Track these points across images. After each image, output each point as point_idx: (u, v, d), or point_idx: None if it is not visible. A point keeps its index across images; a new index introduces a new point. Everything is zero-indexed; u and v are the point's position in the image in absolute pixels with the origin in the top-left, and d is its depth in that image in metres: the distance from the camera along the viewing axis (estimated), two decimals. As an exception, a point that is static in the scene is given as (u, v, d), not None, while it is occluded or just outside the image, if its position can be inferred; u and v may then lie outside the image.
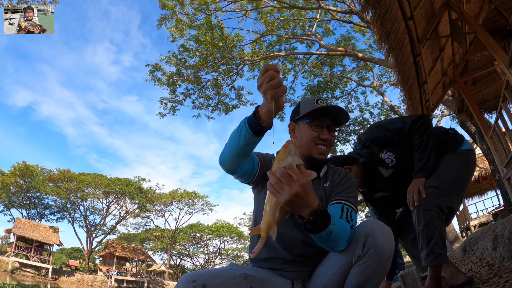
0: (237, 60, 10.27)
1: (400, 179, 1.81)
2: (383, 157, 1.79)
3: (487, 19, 4.27)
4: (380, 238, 0.95)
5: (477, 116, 5.02)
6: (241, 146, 0.99)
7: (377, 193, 2.04)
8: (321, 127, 1.18)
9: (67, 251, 46.55)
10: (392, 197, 1.98)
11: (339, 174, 1.24)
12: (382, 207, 2.15)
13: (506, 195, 5.43)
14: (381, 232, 0.96)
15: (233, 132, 1.02)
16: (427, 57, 4.00)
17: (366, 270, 0.95)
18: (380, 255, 0.94)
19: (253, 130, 0.94)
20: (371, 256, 0.94)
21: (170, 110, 10.89)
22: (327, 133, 1.18)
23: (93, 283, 26.74)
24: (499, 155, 4.47)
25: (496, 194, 13.05)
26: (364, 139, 1.91)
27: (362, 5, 2.95)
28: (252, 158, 1.16)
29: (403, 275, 2.21)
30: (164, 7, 9.24)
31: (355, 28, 10.62)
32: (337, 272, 1.01)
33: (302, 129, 1.21)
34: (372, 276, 0.96)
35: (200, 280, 0.93)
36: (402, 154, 1.76)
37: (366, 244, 0.95)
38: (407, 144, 1.74)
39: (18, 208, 29.88)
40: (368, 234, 0.96)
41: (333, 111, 1.19)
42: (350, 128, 14.28)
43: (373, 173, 1.87)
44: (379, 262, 0.95)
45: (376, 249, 0.94)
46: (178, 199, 33.97)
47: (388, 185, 1.89)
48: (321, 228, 0.89)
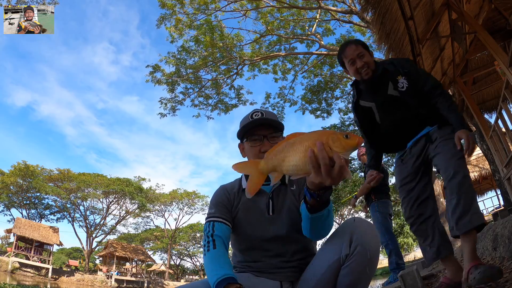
0: (237, 60, 10.27)
1: (396, 107, 1.83)
2: (399, 79, 1.81)
3: (487, 19, 4.27)
4: (366, 234, 0.98)
5: (477, 116, 5.01)
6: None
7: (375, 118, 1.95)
8: (259, 140, 1.19)
9: (67, 251, 46.55)
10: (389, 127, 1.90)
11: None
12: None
13: (506, 195, 5.43)
14: (365, 228, 0.99)
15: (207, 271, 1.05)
16: (427, 57, 4.00)
17: (356, 269, 0.97)
18: (368, 251, 0.96)
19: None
20: (359, 254, 0.96)
21: (170, 110, 10.90)
22: (267, 144, 1.18)
23: (93, 283, 26.74)
24: (499, 155, 4.47)
25: (496, 194, 13.08)
26: (398, 59, 1.95)
27: (362, 5, 2.96)
28: (227, 232, 1.18)
29: (403, 275, 2.21)
30: (164, 7, 9.24)
31: (355, 28, 10.62)
32: (326, 273, 1.02)
33: (246, 148, 1.23)
34: (363, 273, 0.98)
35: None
36: (411, 91, 1.78)
37: (352, 242, 0.97)
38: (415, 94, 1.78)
39: (18, 208, 29.88)
40: (353, 231, 0.99)
41: (261, 122, 1.19)
42: (350, 128, 14.29)
43: (380, 84, 1.85)
44: (367, 259, 0.97)
45: (363, 247, 0.96)
46: (178, 199, 33.98)
47: (384, 106, 1.88)
48: (325, 204, 0.91)
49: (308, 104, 12.90)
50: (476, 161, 11.52)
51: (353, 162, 15.28)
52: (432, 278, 2.77)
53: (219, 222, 1.17)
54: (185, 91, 10.88)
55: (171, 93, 10.71)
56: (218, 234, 1.13)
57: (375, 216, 3.73)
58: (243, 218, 1.20)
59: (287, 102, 12.67)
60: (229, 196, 1.25)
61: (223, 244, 1.12)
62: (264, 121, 1.20)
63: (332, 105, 13.30)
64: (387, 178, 4.07)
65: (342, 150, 0.72)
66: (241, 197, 1.24)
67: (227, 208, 1.22)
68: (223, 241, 1.13)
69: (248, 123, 1.21)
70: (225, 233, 1.16)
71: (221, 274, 0.98)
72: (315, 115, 13.28)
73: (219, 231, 1.14)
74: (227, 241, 1.16)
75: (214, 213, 1.19)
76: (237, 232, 1.23)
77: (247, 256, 1.22)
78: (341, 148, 0.72)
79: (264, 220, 1.18)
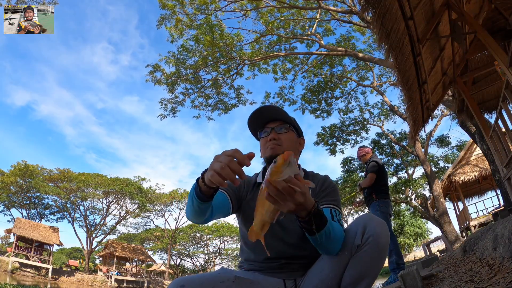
0: (237, 60, 10.27)
1: None
2: None
3: (487, 19, 4.27)
4: (378, 227, 1.00)
5: (477, 116, 5.01)
6: (197, 210, 1.01)
7: None
8: (267, 132, 1.27)
9: (67, 251, 46.55)
10: None
11: (318, 180, 1.28)
12: None
13: (506, 195, 5.43)
14: (377, 222, 1.01)
15: (189, 194, 1.04)
16: (427, 57, 4.00)
17: (365, 259, 0.98)
18: (379, 243, 0.98)
19: (201, 199, 0.96)
20: (370, 244, 0.98)
21: (170, 112, 10.90)
22: (273, 134, 1.25)
23: (93, 283, 26.74)
24: (499, 155, 4.47)
25: (496, 194, 13.06)
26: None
27: (362, 5, 2.95)
28: (220, 199, 1.16)
29: (403, 275, 2.21)
30: (164, 7, 9.24)
31: (355, 28, 10.62)
32: (335, 266, 1.03)
33: (260, 142, 1.32)
34: (371, 265, 0.99)
35: (189, 285, 0.94)
36: None
37: (365, 233, 0.99)
38: None
39: (18, 208, 29.85)
40: (366, 224, 1.01)
41: (266, 116, 1.27)
42: (350, 128, 14.29)
43: None
44: (377, 250, 0.98)
45: (375, 237, 0.98)
46: (178, 199, 33.96)
47: None
48: (320, 227, 0.90)
49: (308, 104, 12.91)
50: (476, 161, 11.52)
51: (353, 162, 15.29)
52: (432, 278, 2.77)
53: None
54: (185, 91, 10.88)
55: (171, 93, 10.72)
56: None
57: (376, 215, 3.74)
58: (252, 214, 1.20)
59: (287, 101, 12.68)
60: (244, 185, 1.29)
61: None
62: (269, 115, 1.27)
63: (332, 105, 13.32)
64: (386, 178, 4.08)
65: (279, 175, 0.77)
66: (255, 192, 1.25)
67: (236, 190, 1.24)
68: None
69: (248, 119, 1.29)
70: (220, 199, 1.15)
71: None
72: (315, 115, 13.29)
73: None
74: (218, 206, 1.14)
75: None
76: (246, 227, 1.21)
77: (253, 254, 1.22)
78: (276, 174, 0.77)
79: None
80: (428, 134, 13.21)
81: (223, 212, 1.18)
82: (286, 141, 1.25)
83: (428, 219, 12.38)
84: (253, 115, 1.27)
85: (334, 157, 15.74)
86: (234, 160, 0.81)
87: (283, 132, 1.25)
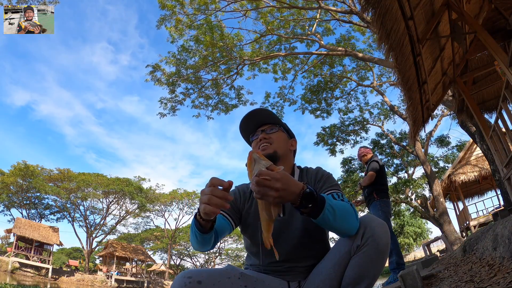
0: (237, 60, 10.27)
1: None
2: None
3: (487, 19, 4.27)
4: (378, 228, 1.00)
5: (477, 116, 5.01)
6: (201, 241, 1.05)
7: None
8: (257, 135, 1.31)
9: (67, 251, 46.54)
10: None
11: (311, 173, 1.29)
12: None
13: (506, 195, 5.43)
14: (377, 223, 1.01)
15: (190, 230, 1.08)
16: (427, 57, 4.00)
17: (364, 260, 0.98)
18: (378, 244, 0.98)
19: (202, 232, 1.00)
20: (369, 245, 0.98)
21: (170, 110, 10.90)
22: (263, 135, 1.29)
23: (93, 283, 26.73)
24: (499, 155, 4.47)
25: (496, 194, 13.05)
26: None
27: (362, 5, 2.95)
28: (220, 221, 1.17)
29: (403, 275, 2.21)
30: (164, 8, 9.23)
31: (355, 28, 10.62)
32: (336, 265, 1.03)
33: (252, 146, 1.34)
34: (371, 266, 0.99)
35: (195, 277, 0.95)
36: None
37: (365, 234, 0.99)
38: None
39: (18, 208, 29.83)
40: (366, 225, 1.01)
41: (256, 121, 1.31)
42: (349, 128, 14.29)
43: None
44: (377, 251, 0.98)
45: (374, 238, 0.98)
46: (178, 199, 33.96)
47: None
48: (320, 207, 0.91)
49: (308, 104, 12.91)
50: (476, 161, 11.52)
51: (353, 162, 15.29)
52: (432, 278, 2.77)
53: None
54: (185, 91, 10.88)
55: (172, 93, 10.72)
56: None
57: (377, 215, 3.73)
58: (254, 223, 1.20)
59: (287, 101, 12.68)
60: (240, 196, 1.28)
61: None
62: (255, 119, 1.30)
63: (332, 105, 13.32)
64: (386, 178, 4.09)
65: (251, 174, 0.90)
66: (253, 200, 1.25)
67: (232, 205, 1.23)
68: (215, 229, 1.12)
69: (240, 125, 1.33)
70: (220, 223, 1.15)
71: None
72: (315, 115, 13.29)
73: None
74: (219, 231, 1.14)
75: None
76: (248, 236, 1.24)
77: (258, 259, 1.22)
78: (250, 174, 0.91)
79: (276, 222, 1.16)
80: (428, 134, 13.22)
81: (226, 232, 1.20)
82: (277, 139, 1.27)
83: (428, 219, 12.38)
84: (244, 120, 1.30)
85: (334, 157, 15.75)
86: (216, 187, 0.89)
87: (273, 132, 1.28)
